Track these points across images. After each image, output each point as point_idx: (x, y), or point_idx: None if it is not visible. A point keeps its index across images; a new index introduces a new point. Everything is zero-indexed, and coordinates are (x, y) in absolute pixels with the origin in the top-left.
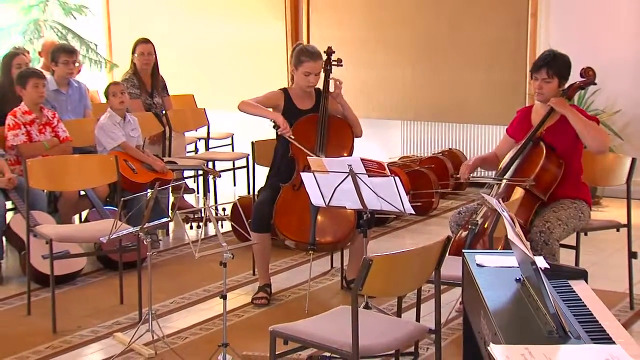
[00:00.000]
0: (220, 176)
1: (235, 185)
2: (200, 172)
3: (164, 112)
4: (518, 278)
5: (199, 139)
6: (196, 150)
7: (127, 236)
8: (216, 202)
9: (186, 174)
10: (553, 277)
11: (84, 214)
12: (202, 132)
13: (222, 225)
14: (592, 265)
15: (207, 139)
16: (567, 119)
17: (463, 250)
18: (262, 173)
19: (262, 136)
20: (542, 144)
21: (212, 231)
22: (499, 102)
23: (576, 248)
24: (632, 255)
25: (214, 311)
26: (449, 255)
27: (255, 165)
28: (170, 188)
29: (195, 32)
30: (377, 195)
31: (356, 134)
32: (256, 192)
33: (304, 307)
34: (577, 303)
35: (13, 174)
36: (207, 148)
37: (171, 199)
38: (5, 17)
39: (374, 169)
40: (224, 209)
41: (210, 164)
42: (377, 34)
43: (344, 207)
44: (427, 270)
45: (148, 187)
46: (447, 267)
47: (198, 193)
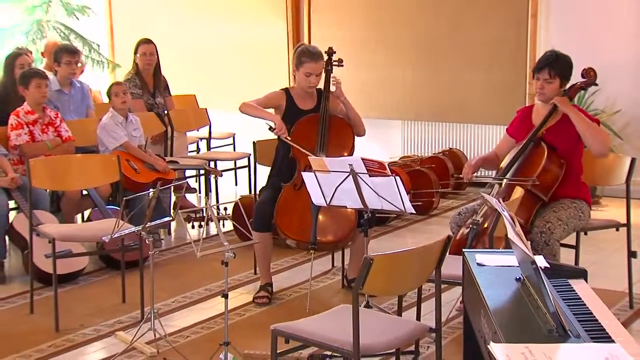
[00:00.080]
0: (221, 176)
1: (236, 184)
2: (202, 171)
3: (165, 112)
4: (518, 277)
5: (201, 138)
6: (198, 150)
7: (129, 235)
8: (218, 201)
9: (188, 173)
10: (553, 276)
11: (87, 213)
12: (203, 132)
13: (223, 224)
14: (591, 265)
15: (208, 139)
16: (569, 119)
17: (463, 250)
18: (263, 173)
19: (263, 136)
20: (543, 144)
21: (213, 230)
22: (499, 102)
23: (576, 247)
24: (632, 254)
25: (216, 310)
26: (450, 254)
27: (257, 164)
28: (172, 187)
29: (197, 32)
30: (377, 194)
31: (359, 133)
32: (257, 192)
33: (305, 306)
34: (577, 302)
35: (16, 173)
36: (208, 148)
37: (173, 198)
38: (8, 18)
39: (374, 168)
40: (226, 209)
41: (211, 164)
42: (378, 34)
43: (345, 207)
44: (428, 270)
45: (150, 186)
46: (448, 266)
47: (200, 192)
